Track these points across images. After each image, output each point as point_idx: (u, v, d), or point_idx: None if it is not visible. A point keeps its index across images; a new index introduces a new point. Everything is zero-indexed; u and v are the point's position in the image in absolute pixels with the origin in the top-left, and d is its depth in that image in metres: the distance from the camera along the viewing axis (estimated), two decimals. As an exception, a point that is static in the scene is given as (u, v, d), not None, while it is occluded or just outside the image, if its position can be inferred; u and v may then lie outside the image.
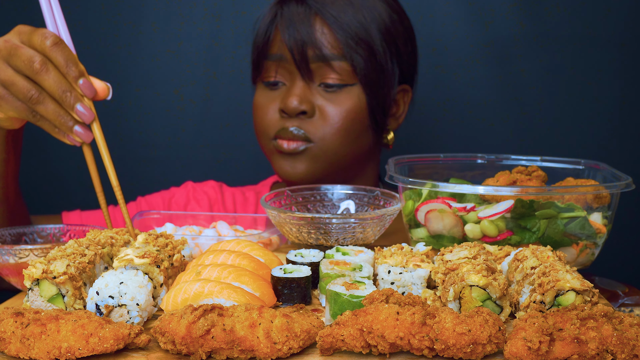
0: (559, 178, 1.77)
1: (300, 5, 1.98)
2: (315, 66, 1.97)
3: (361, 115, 2.01)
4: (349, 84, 1.99)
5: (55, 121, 1.52)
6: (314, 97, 1.99)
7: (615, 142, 2.77)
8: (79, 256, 1.33)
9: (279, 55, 2.00)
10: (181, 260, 1.44)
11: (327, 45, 1.95)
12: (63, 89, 1.50)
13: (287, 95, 1.99)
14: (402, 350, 1.15)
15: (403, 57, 2.06)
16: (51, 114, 1.51)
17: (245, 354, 1.13)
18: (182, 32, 2.79)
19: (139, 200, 2.26)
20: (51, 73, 1.49)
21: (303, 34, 1.95)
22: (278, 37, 2.00)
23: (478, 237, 1.56)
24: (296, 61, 1.96)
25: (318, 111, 1.99)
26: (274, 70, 2.03)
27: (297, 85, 1.99)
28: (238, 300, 1.26)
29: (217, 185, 2.31)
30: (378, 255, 1.45)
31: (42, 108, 1.51)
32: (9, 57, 1.50)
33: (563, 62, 2.73)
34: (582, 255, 1.58)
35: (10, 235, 1.64)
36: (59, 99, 1.51)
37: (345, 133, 2.00)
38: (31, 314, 1.16)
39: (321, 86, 2.00)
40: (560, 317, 1.14)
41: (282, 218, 1.61)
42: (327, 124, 1.98)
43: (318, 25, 1.96)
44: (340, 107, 1.99)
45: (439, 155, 1.93)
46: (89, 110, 1.54)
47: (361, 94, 2.00)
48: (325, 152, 2.00)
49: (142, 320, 1.26)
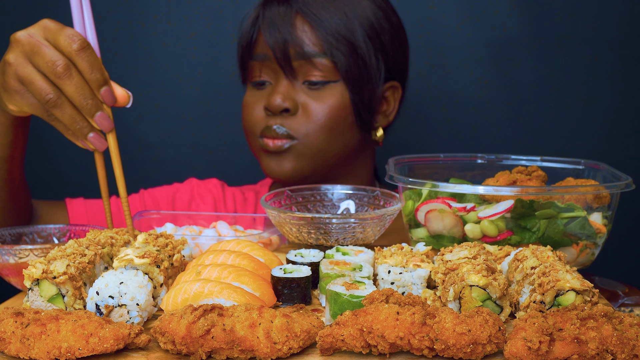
0: (559, 178, 1.77)
1: (282, 5, 2.01)
2: (297, 64, 1.99)
3: (345, 112, 2.03)
4: (332, 80, 2.00)
5: (71, 126, 1.50)
6: (297, 95, 2.01)
7: (615, 142, 2.77)
8: (79, 256, 1.33)
9: (262, 55, 2.03)
10: (181, 260, 1.44)
11: (308, 42, 1.98)
12: (84, 95, 1.47)
13: (271, 93, 2.02)
14: (402, 350, 1.15)
15: (389, 53, 2.07)
16: (67, 118, 1.49)
17: (245, 354, 1.13)
18: (182, 32, 2.79)
19: (142, 193, 2.25)
20: (74, 79, 1.45)
21: (284, 33, 1.97)
22: (261, 38, 2.03)
23: (478, 237, 1.56)
24: (278, 60, 1.99)
25: (301, 108, 2.01)
26: (259, 70, 2.06)
27: (282, 83, 2.02)
28: (238, 300, 1.26)
29: (220, 183, 2.31)
30: (378, 255, 1.45)
31: (58, 112, 1.48)
32: (32, 54, 1.46)
33: (563, 62, 2.72)
34: (582, 255, 1.58)
35: (10, 235, 1.64)
36: (79, 105, 1.48)
37: (328, 130, 2.02)
38: (31, 314, 1.16)
39: (305, 84, 2.01)
40: (560, 317, 1.14)
41: (282, 218, 1.61)
42: (310, 120, 2.00)
43: (299, 24, 1.99)
44: (323, 104, 2.00)
45: (439, 155, 1.93)
46: (109, 119, 1.51)
47: (344, 91, 2.01)
48: (309, 148, 2.02)
49: (142, 320, 1.26)
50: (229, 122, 2.83)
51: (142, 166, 2.85)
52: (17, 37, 1.48)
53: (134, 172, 2.79)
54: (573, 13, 2.69)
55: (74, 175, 2.82)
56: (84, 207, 2.13)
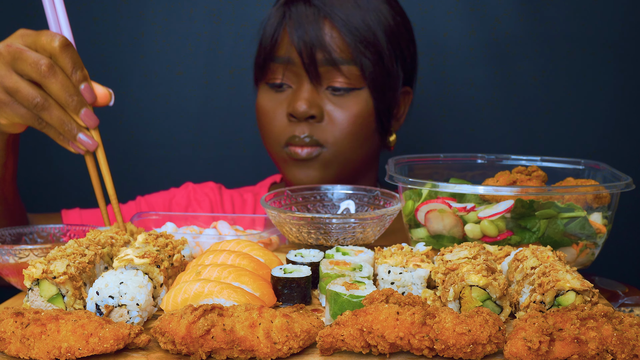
0: (559, 178, 1.77)
1: (309, 7, 1.95)
2: (323, 70, 1.95)
3: (369, 119, 2.01)
4: (356, 87, 1.98)
5: (59, 128, 1.51)
6: (321, 101, 1.98)
7: (615, 142, 2.77)
8: (79, 256, 1.33)
9: (286, 57, 1.98)
10: (181, 260, 1.44)
11: (336, 49, 1.94)
12: (70, 92, 1.48)
13: (295, 98, 1.97)
14: (402, 350, 1.15)
15: (406, 59, 2.06)
16: (56, 120, 1.50)
17: (245, 354, 1.13)
18: (182, 32, 2.79)
19: (138, 199, 2.25)
20: (59, 77, 1.47)
21: (312, 36, 1.93)
22: (286, 39, 1.97)
23: (478, 237, 1.56)
24: (305, 65, 1.94)
25: (326, 115, 1.98)
26: (280, 73, 2.00)
27: (305, 88, 1.97)
28: (238, 300, 1.26)
29: (217, 187, 2.30)
30: (378, 255, 1.45)
31: (47, 115, 1.49)
32: (14, 62, 1.47)
33: (563, 61, 2.72)
34: (582, 255, 1.58)
35: (10, 235, 1.64)
36: (64, 103, 1.49)
37: (354, 137, 1.99)
38: (31, 314, 1.16)
39: (328, 90, 1.98)
40: (560, 317, 1.14)
41: (282, 218, 1.61)
42: (337, 128, 1.97)
43: (327, 29, 1.94)
44: (349, 112, 1.98)
45: (439, 155, 1.92)
46: (94, 116, 1.52)
47: (368, 98, 1.99)
48: (336, 157, 1.99)
49: (142, 320, 1.26)
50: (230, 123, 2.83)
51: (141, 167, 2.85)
52: None
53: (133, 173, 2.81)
54: (573, 13, 2.69)
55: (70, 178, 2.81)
56: (79, 217, 2.14)
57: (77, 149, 1.57)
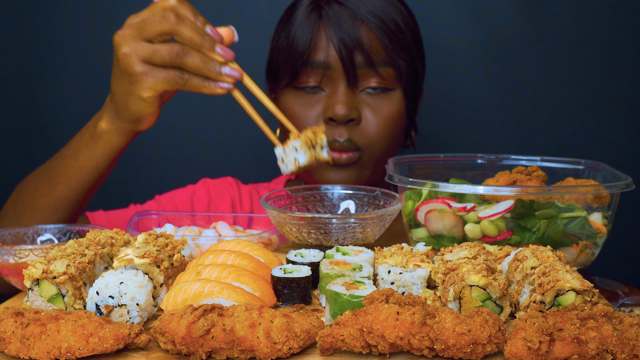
0: (559, 178, 1.76)
1: (344, 8, 1.93)
2: (360, 72, 1.95)
3: (402, 119, 2.03)
4: (390, 88, 1.99)
5: (204, 69, 1.54)
6: (358, 103, 1.97)
7: (615, 142, 2.77)
8: (79, 256, 1.33)
9: (322, 62, 1.94)
10: (181, 260, 1.44)
11: (374, 51, 1.93)
12: (200, 32, 1.53)
13: (332, 102, 1.95)
14: (402, 350, 1.15)
15: (424, 60, 2.10)
16: (199, 62, 1.53)
17: (245, 354, 1.13)
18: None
19: (157, 198, 2.22)
20: (187, 21, 1.52)
21: (352, 38, 1.91)
22: (321, 42, 1.94)
23: (478, 237, 1.56)
24: (345, 68, 1.92)
25: (363, 118, 1.98)
26: (317, 76, 1.96)
27: (341, 91, 1.95)
28: (238, 300, 1.26)
29: (235, 182, 2.28)
30: (378, 255, 1.45)
31: (189, 60, 1.52)
32: (140, 32, 1.53)
33: (563, 62, 2.73)
34: (582, 255, 1.58)
35: (10, 235, 1.64)
36: (199, 44, 1.53)
37: (389, 138, 2.01)
38: (31, 314, 1.16)
39: (363, 92, 1.98)
40: (560, 317, 1.14)
41: (282, 218, 1.61)
42: (374, 130, 1.98)
43: (364, 31, 1.93)
44: (384, 113, 1.98)
45: (439, 155, 1.92)
46: (227, 48, 1.56)
47: (401, 98, 2.01)
48: (372, 159, 2.00)
49: (142, 320, 1.26)
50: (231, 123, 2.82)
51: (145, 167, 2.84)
52: (117, 37, 1.55)
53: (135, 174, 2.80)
54: (573, 13, 2.69)
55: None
56: (105, 218, 2.10)
57: (224, 87, 1.58)
